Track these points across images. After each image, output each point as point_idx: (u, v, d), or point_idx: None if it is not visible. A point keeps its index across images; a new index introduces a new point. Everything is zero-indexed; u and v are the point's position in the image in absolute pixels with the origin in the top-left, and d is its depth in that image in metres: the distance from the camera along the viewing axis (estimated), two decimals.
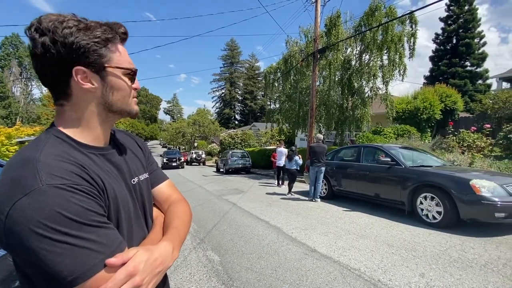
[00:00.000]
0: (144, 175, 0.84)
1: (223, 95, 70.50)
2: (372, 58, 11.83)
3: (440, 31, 28.81)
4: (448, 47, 28.15)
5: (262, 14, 65.53)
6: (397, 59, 11.29)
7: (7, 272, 1.33)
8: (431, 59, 29.64)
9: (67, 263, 0.51)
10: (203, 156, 27.00)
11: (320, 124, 13.84)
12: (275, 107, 17.89)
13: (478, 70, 27.15)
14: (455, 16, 27.47)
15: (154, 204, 0.89)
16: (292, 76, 14.28)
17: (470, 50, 26.75)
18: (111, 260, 0.55)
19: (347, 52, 12.59)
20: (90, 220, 0.55)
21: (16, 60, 41.65)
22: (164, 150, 32.17)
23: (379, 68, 11.66)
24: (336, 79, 12.40)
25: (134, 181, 0.77)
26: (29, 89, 44.53)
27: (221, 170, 17.44)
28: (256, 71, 67.75)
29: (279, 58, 14.99)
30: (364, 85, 12.40)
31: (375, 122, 15.31)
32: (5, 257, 1.32)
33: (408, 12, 11.25)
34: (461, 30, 27.15)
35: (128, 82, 0.70)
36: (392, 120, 13.65)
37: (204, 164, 26.44)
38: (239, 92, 70.65)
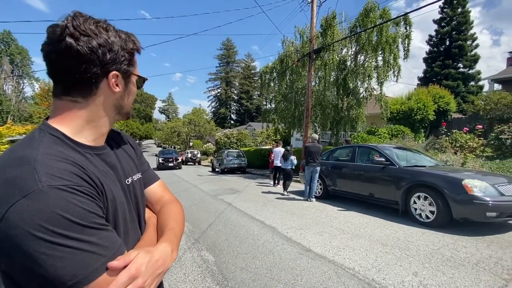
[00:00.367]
0: (138, 175, 0.83)
1: (219, 94, 70.30)
2: (367, 59, 11.91)
3: (433, 33, 29.16)
4: (442, 49, 28.52)
5: (258, 13, 65.58)
6: (391, 60, 11.39)
7: None
8: (425, 60, 29.99)
9: (68, 267, 0.49)
10: (199, 155, 26.86)
11: (316, 124, 13.90)
12: (271, 107, 17.86)
13: (471, 71, 27.57)
14: (448, 18, 27.83)
15: (146, 205, 0.88)
16: (288, 76, 14.28)
17: (463, 52, 27.15)
18: (113, 263, 0.54)
19: (343, 53, 12.66)
20: (91, 222, 0.54)
21: (8, 58, 40.90)
22: (159, 149, 31.22)
23: (374, 69, 11.75)
24: (332, 80, 12.47)
25: (128, 181, 0.77)
26: (20, 87, 43.83)
27: (216, 169, 17.37)
28: (252, 71, 67.71)
29: (275, 58, 15.02)
30: (359, 85, 12.48)
31: (370, 122, 15.44)
32: None
33: (402, 13, 11.35)
34: (454, 32, 27.52)
35: (136, 88, 0.78)
36: (387, 120, 13.78)
37: (199, 163, 26.33)
38: (235, 92, 70.53)
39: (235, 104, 71.39)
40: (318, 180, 7.13)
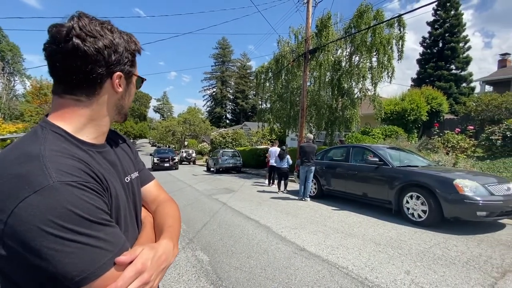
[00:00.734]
0: (135, 174, 0.85)
1: (214, 94, 70.03)
2: (361, 60, 12.00)
3: (427, 35, 29.58)
4: (435, 51, 28.93)
5: (253, 13, 65.36)
6: (385, 61, 11.50)
7: None
8: (419, 62, 30.39)
9: (77, 263, 0.50)
10: (194, 155, 26.71)
11: (311, 124, 13.96)
12: (266, 106, 17.86)
13: (463, 73, 28.05)
14: (441, 20, 28.24)
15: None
16: (283, 76, 14.31)
17: (455, 54, 27.59)
18: (120, 258, 0.55)
19: (338, 53, 12.73)
20: (99, 218, 0.55)
21: None
22: (154, 148, 30.13)
23: (368, 70, 11.85)
24: (327, 80, 12.52)
25: (127, 179, 0.78)
26: (11, 84, 42.95)
27: (211, 169, 17.31)
28: (248, 70, 67.61)
29: (271, 58, 14.98)
30: (354, 86, 12.57)
31: (364, 122, 15.56)
32: None
33: (396, 15, 11.52)
34: (447, 34, 27.94)
35: (135, 88, 0.79)
36: (381, 121, 13.94)
37: (194, 163, 26.19)
38: (231, 91, 70.35)
39: (230, 103, 71.23)
40: (312, 180, 7.17)
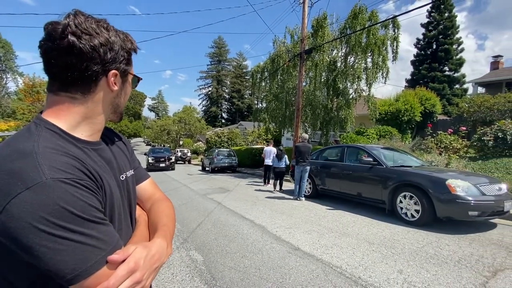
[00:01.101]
0: (131, 172, 0.84)
1: (210, 93, 69.75)
2: (356, 61, 12.07)
3: (421, 37, 29.93)
4: (429, 52, 29.29)
5: (250, 12, 65.14)
6: (380, 62, 11.58)
7: None
8: (413, 63, 30.74)
9: (68, 261, 0.49)
10: (189, 154, 26.58)
11: (306, 124, 14.00)
12: (262, 106, 17.87)
13: (456, 75, 28.48)
14: (435, 22, 28.61)
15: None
16: (279, 76, 14.32)
17: (449, 55, 27.99)
18: (113, 257, 0.55)
19: (333, 54, 12.78)
20: (92, 216, 0.54)
21: None
22: (149, 148, 29.10)
23: (363, 70, 11.92)
24: (322, 80, 12.57)
25: (122, 177, 0.78)
26: (3, 82, 42.14)
27: (206, 169, 17.25)
28: (244, 70, 67.48)
29: (267, 58, 15.00)
30: (349, 86, 12.63)
31: (359, 123, 15.68)
32: None
33: (391, 16, 11.57)
34: (441, 36, 28.32)
35: (130, 88, 0.79)
36: (375, 121, 14.05)
37: (189, 162, 26.06)
38: (226, 91, 70.17)
39: (226, 103, 71.06)
40: (307, 180, 7.19)
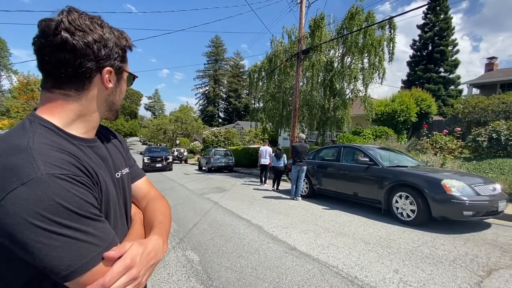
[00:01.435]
0: (126, 170, 0.84)
1: (206, 92, 69.52)
2: (353, 61, 12.12)
3: (417, 38, 30.15)
4: (424, 53, 29.53)
5: (247, 12, 65.41)
6: (377, 63, 11.65)
7: None
8: (409, 64, 30.95)
9: (64, 257, 0.49)
10: (185, 154, 26.45)
11: (303, 124, 14.02)
12: (259, 106, 17.88)
13: (451, 76, 28.74)
14: (431, 24, 28.83)
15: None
16: (276, 76, 14.33)
17: (444, 57, 28.24)
18: (109, 253, 0.54)
19: (330, 54, 12.83)
20: (88, 212, 0.54)
21: None
22: (145, 147, 28.89)
23: (360, 71, 11.98)
24: (319, 80, 12.61)
25: (118, 175, 0.77)
26: None
27: (203, 168, 17.19)
28: (241, 69, 67.38)
29: (264, 57, 14.98)
30: (345, 87, 12.69)
31: (355, 123, 15.74)
32: None
33: (387, 17, 11.64)
34: (436, 38, 28.55)
35: (126, 85, 0.78)
36: (371, 121, 14.13)
37: (186, 162, 25.95)
38: (223, 90, 69.98)
39: (223, 102, 70.88)
40: (304, 179, 7.20)
